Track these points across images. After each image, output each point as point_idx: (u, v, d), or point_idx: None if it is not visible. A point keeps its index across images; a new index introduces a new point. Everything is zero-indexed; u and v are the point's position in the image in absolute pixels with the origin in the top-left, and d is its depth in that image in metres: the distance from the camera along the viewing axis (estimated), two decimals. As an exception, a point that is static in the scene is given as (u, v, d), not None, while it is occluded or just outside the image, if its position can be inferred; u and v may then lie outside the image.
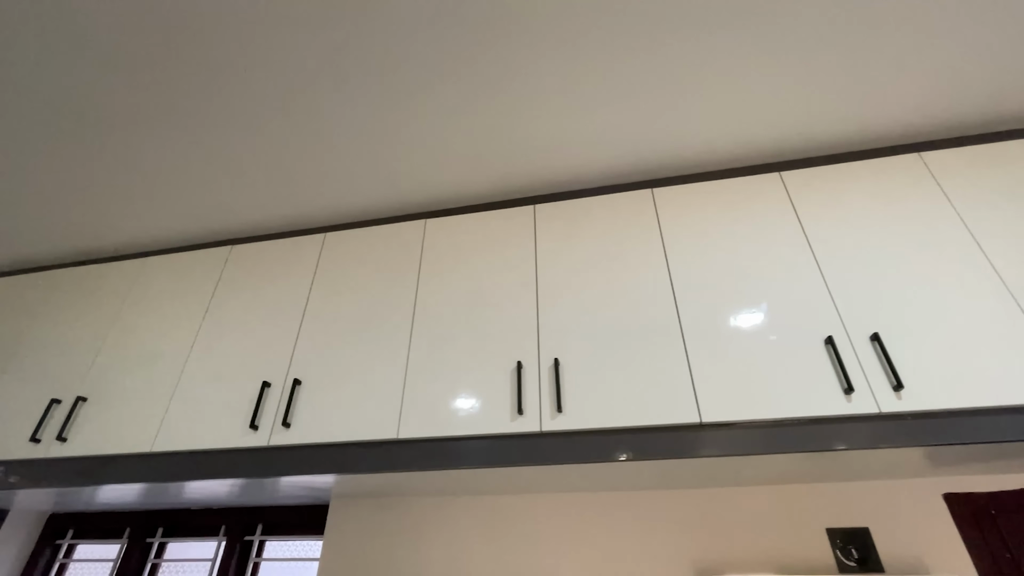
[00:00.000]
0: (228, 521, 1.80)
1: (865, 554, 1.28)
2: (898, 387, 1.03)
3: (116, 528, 1.90)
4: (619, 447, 1.09)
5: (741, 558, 1.31)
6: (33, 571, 1.86)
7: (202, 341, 1.48)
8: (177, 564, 1.81)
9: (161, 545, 1.85)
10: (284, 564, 1.72)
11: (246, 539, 1.77)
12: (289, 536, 1.76)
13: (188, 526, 1.85)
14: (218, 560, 1.75)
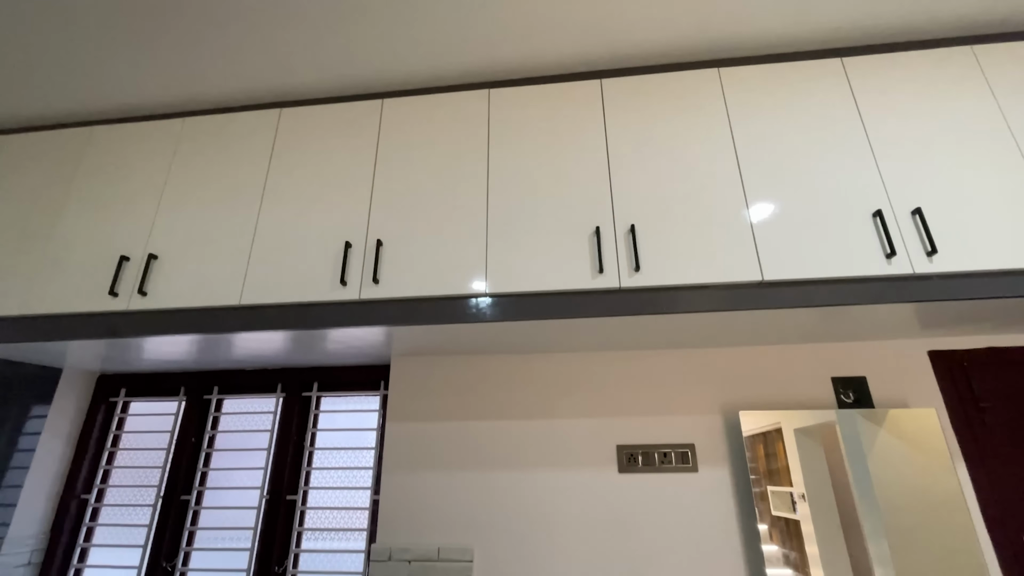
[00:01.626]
0: (284, 380, 1.93)
1: (860, 396, 1.56)
2: (932, 252, 1.21)
3: (169, 388, 2.00)
4: (692, 300, 1.25)
5: (760, 400, 1.57)
6: (92, 426, 1.97)
7: (271, 200, 1.48)
8: (238, 417, 1.95)
9: (219, 402, 1.98)
10: (342, 415, 1.89)
11: (304, 395, 1.92)
12: (346, 392, 1.92)
13: (243, 386, 1.97)
14: (278, 413, 1.91)
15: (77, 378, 1.95)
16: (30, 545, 1.75)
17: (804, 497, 1.41)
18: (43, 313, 1.45)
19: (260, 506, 1.78)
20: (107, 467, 1.93)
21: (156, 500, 1.83)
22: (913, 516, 1.35)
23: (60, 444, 1.88)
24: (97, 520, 1.87)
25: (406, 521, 1.55)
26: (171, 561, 1.75)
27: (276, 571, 1.68)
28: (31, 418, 1.79)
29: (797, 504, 1.41)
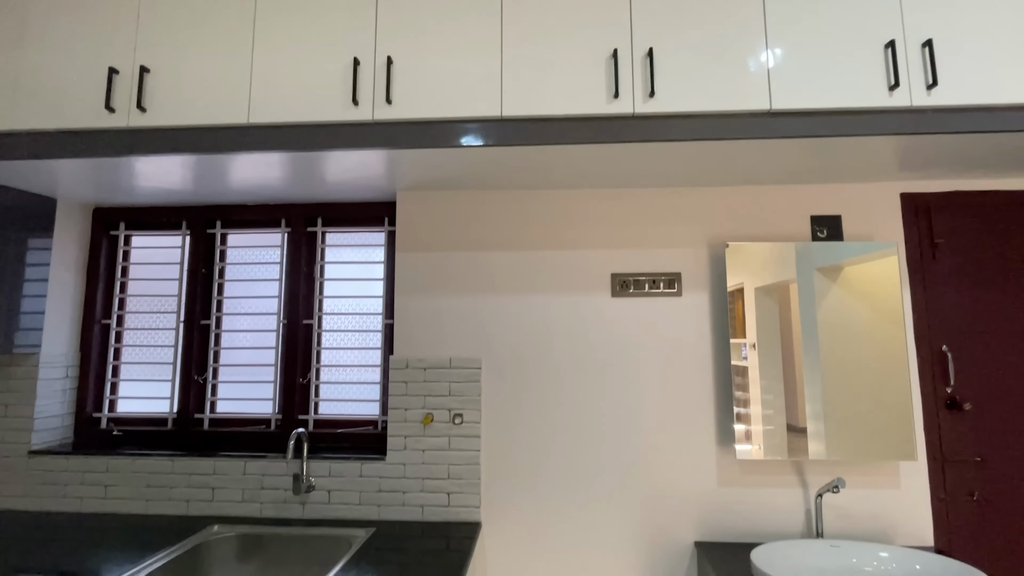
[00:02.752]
0: (288, 215, 1.96)
1: (833, 232, 1.72)
2: (932, 86, 1.26)
3: (169, 222, 2.01)
4: (701, 129, 1.30)
5: (744, 234, 1.71)
6: (98, 258, 2.00)
7: (267, 13, 1.37)
8: (246, 251, 2.01)
9: (224, 237, 2.02)
10: (348, 250, 1.97)
11: (309, 230, 1.97)
12: (350, 227, 1.97)
13: (246, 222, 2.00)
14: (285, 247, 1.97)
15: (73, 210, 1.93)
16: (64, 362, 1.88)
17: (755, 347, 1.62)
18: (34, 128, 1.39)
19: (279, 329, 1.93)
20: (121, 296, 2.01)
21: (177, 325, 1.95)
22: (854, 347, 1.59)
23: (71, 275, 1.92)
24: (122, 342, 2.00)
25: (419, 338, 1.73)
26: (202, 374, 1.93)
27: (301, 382, 1.89)
28: (35, 249, 1.80)
29: (748, 353, 1.62)
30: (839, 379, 1.58)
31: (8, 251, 1.71)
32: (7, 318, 1.70)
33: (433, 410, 1.69)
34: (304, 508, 1.68)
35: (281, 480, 1.70)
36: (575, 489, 1.64)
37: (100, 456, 1.75)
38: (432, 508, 1.65)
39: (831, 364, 1.59)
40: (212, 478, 1.71)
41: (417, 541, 1.50)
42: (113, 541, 1.49)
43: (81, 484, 1.74)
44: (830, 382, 1.58)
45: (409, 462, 1.67)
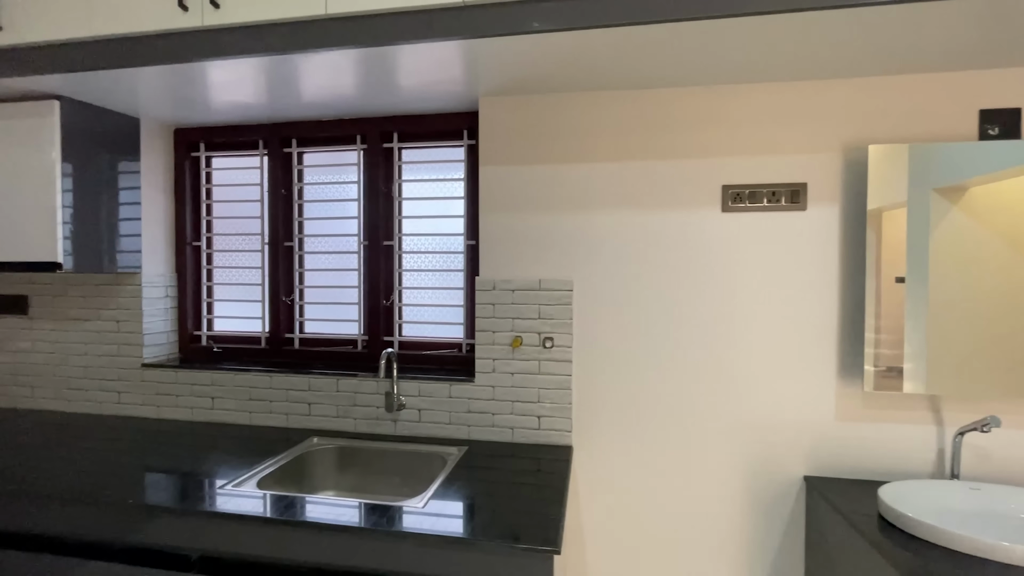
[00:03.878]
0: (363, 130, 1.86)
1: (1009, 128, 1.40)
2: None
3: (246, 142, 1.97)
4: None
5: (888, 134, 1.44)
6: (183, 179, 2.00)
7: None
8: (324, 170, 1.95)
9: (301, 156, 1.96)
10: (426, 166, 1.86)
11: (385, 146, 1.87)
12: (427, 142, 1.85)
13: (321, 139, 1.92)
14: (362, 165, 1.89)
15: (156, 131, 1.92)
16: (163, 282, 1.95)
17: (901, 278, 1.37)
18: (113, 34, 1.32)
19: (360, 250, 1.89)
20: (208, 218, 2.03)
21: (262, 246, 1.96)
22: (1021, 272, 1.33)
23: (161, 196, 1.94)
24: (213, 264, 2.04)
25: (506, 258, 1.63)
26: (289, 295, 1.95)
27: (384, 304, 1.87)
28: (126, 172, 1.81)
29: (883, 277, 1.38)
30: (996, 309, 1.34)
31: (102, 172, 1.73)
32: (109, 239, 1.75)
33: (522, 333, 1.62)
34: (396, 425, 1.71)
35: (372, 398, 1.72)
36: (673, 417, 1.55)
37: (204, 371, 1.83)
38: (522, 430, 1.63)
39: (987, 291, 1.35)
40: (307, 394, 1.76)
41: (508, 460, 1.48)
42: (225, 447, 1.58)
43: (190, 395, 1.84)
44: (983, 311, 1.35)
45: (498, 384, 1.64)
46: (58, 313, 1.94)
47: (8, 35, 1.39)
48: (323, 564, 1.13)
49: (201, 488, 1.28)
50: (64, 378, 1.94)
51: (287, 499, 1.23)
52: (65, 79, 1.47)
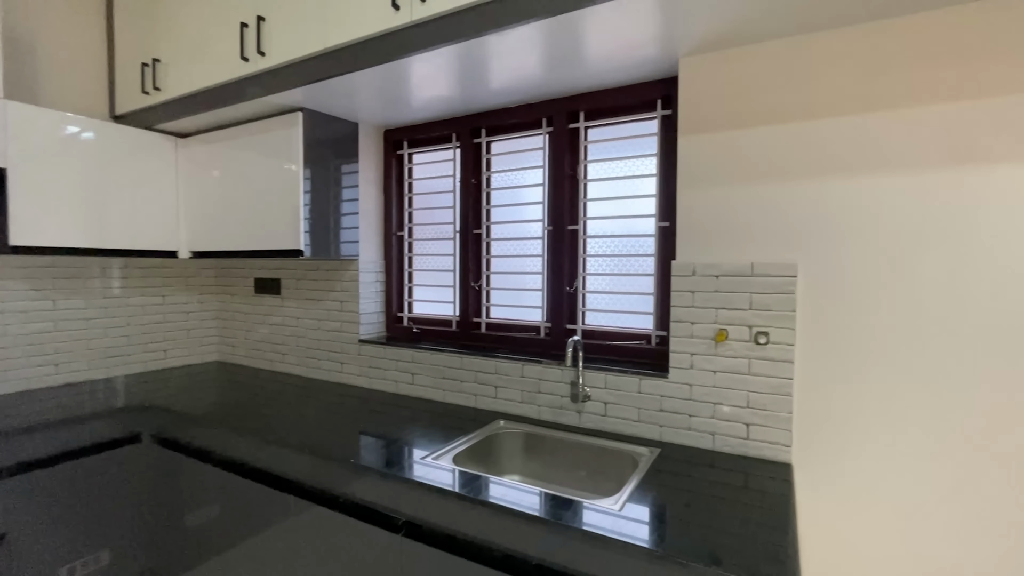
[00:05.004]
0: (549, 112, 1.81)
1: None
2: None
3: (442, 136, 2.09)
4: None
5: None
6: (390, 176, 2.22)
7: None
8: (508, 158, 1.97)
9: (489, 145, 2.01)
10: (613, 145, 1.74)
11: (571, 127, 1.80)
12: (615, 118, 1.73)
13: (509, 126, 1.94)
14: (547, 149, 1.85)
15: (370, 133, 2.16)
16: (374, 268, 2.19)
17: None
18: (341, 44, 1.49)
19: (544, 236, 1.86)
20: (409, 209, 2.22)
21: (454, 235, 2.07)
22: None
23: (373, 191, 2.19)
24: (413, 251, 2.23)
25: (709, 239, 1.42)
26: (477, 281, 2.02)
27: (568, 290, 1.81)
28: (347, 172, 2.07)
29: None
30: None
31: (330, 173, 2.00)
32: (334, 230, 2.02)
33: (728, 325, 1.40)
34: (580, 417, 1.63)
35: (556, 386, 1.67)
36: (961, 461, 1.18)
37: (407, 348, 2.01)
38: (725, 438, 1.41)
39: None
40: (494, 377, 1.80)
41: (709, 471, 1.29)
42: (423, 420, 1.69)
43: (395, 370, 2.04)
44: None
45: (696, 383, 1.44)
46: (300, 294, 2.33)
47: (267, 60, 1.67)
48: (511, 549, 1.10)
49: (405, 457, 1.38)
50: (304, 348, 2.32)
51: (481, 479, 1.24)
52: (305, 92, 1.72)
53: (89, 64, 2.17)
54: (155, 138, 2.16)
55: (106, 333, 2.26)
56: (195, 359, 2.60)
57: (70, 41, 2.11)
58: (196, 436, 1.77)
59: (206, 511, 1.74)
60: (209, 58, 1.83)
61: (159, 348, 2.45)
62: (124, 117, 2.18)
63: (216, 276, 2.67)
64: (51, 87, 2.06)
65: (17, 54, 1.96)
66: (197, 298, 2.60)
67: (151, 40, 2.03)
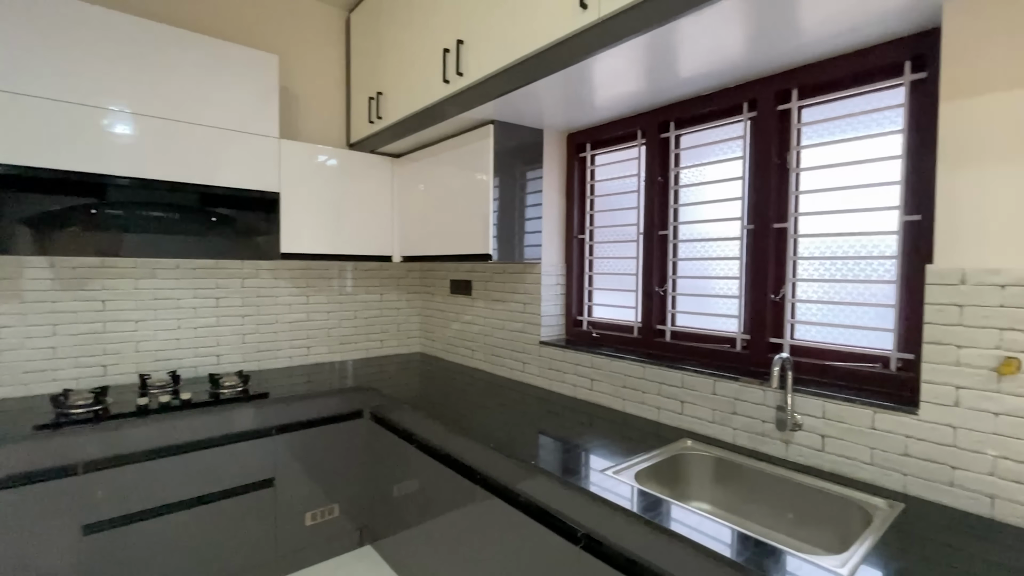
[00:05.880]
0: (751, 95, 1.59)
1: None
2: None
3: (625, 134, 2.01)
4: None
5: None
6: (572, 179, 2.22)
7: None
8: (698, 151, 1.79)
9: (678, 139, 1.86)
10: (836, 125, 1.44)
11: (779, 108, 1.55)
12: (839, 92, 1.43)
13: (699, 116, 1.76)
14: (747, 138, 1.62)
15: (553, 139, 2.19)
16: (555, 271, 2.22)
17: None
18: (529, 53, 1.52)
19: (742, 236, 1.64)
20: (591, 212, 2.19)
21: (637, 236, 1.96)
22: None
23: (555, 195, 2.21)
24: (593, 255, 2.19)
25: (987, 236, 1.07)
26: (661, 286, 1.89)
27: (773, 299, 1.56)
28: (531, 179, 2.13)
29: None
30: None
31: (516, 180, 2.08)
32: (519, 234, 2.10)
33: (1020, 353, 1.03)
34: (788, 448, 1.39)
35: (756, 408, 1.46)
36: None
37: (586, 353, 1.98)
38: (1013, 505, 1.04)
39: None
40: (680, 391, 1.65)
41: (986, 547, 0.96)
42: (602, 429, 1.64)
43: (574, 374, 2.03)
44: None
45: (965, 425, 1.10)
46: (488, 295, 2.49)
47: (464, 80, 1.80)
48: (707, 594, 0.97)
49: (585, 466, 1.34)
50: (491, 346, 2.47)
51: (667, 504, 1.13)
52: (496, 105, 1.81)
53: (332, 104, 2.66)
54: (377, 160, 2.53)
55: (340, 324, 2.74)
56: (403, 350, 2.99)
57: (319, 87, 2.62)
58: (402, 418, 2.01)
59: (408, 485, 1.97)
60: (417, 85, 2.07)
61: (377, 338, 2.88)
62: (356, 144, 2.61)
63: (420, 278, 3.02)
64: (307, 125, 2.58)
65: (286, 102, 2.50)
66: (406, 297, 2.98)
67: (376, 76, 2.39)
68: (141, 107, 1.84)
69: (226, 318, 2.37)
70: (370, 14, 2.44)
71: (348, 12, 2.68)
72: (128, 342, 2.13)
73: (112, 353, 2.10)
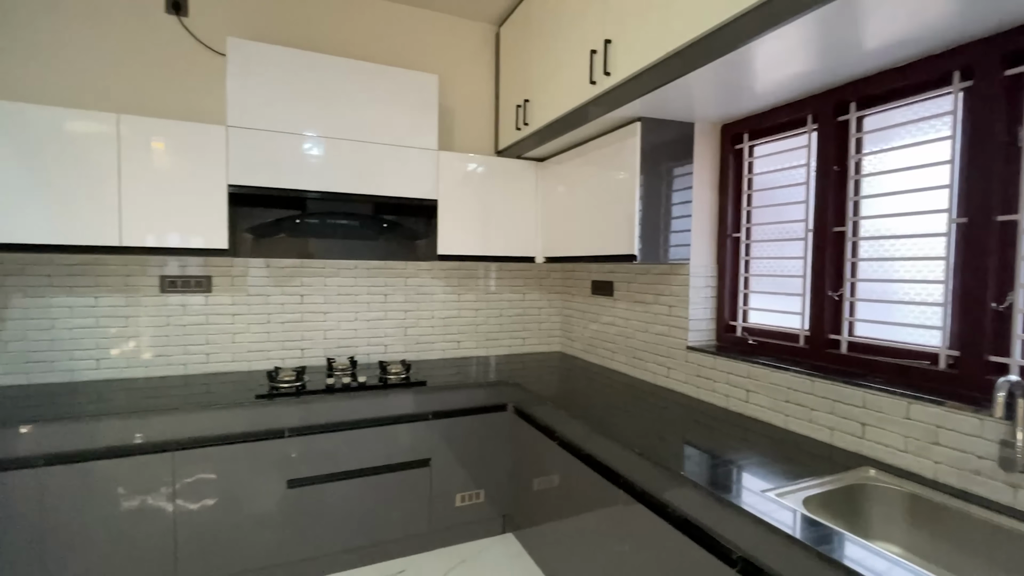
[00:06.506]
0: (968, 59, 1.31)
1: None
2: None
3: (791, 120, 1.80)
4: None
5: None
6: (727, 174, 2.06)
7: None
8: (887, 133, 1.54)
9: (859, 122, 1.62)
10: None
11: (1008, 74, 1.25)
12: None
13: (891, 92, 1.51)
14: (959, 108, 1.34)
15: (706, 131, 2.06)
16: (705, 272, 2.08)
17: None
18: (680, 45, 1.45)
19: (950, 232, 1.36)
20: (748, 208, 2.01)
21: (805, 234, 1.75)
22: None
23: (707, 192, 2.08)
24: (750, 255, 2.01)
25: None
26: (836, 291, 1.66)
27: (996, 308, 1.27)
28: (680, 175, 2.03)
29: None
30: None
31: (662, 178, 2.00)
32: (664, 234, 2.01)
33: None
34: (1016, 494, 1.12)
35: (968, 441, 1.20)
36: None
37: (741, 362, 1.82)
38: None
39: None
40: (861, 411, 1.43)
41: None
42: (758, 446, 1.50)
43: (726, 384, 1.88)
44: None
45: None
46: (630, 296, 2.43)
47: (612, 79, 1.79)
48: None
49: (741, 484, 1.24)
50: (632, 349, 2.41)
51: (844, 538, 1.00)
52: (643, 102, 1.76)
53: (482, 114, 2.84)
54: (523, 165, 2.64)
55: (487, 321, 2.91)
56: (543, 348, 3.07)
57: (471, 99, 2.81)
58: (544, 414, 2.07)
59: (548, 479, 2.02)
60: (562, 89, 2.10)
61: (519, 336, 3.00)
62: (503, 151, 2.75)
63: (562, 278, 3.07)
64: (459, 135, 2.79)
65: (441, 115, 2.73)
66: (546, 297, 3.05)
67: (523, 84, 2.49)
68: (327, 131, 2.17)
69: (392, 312, 2.68)
70: (518, 26, 2.55)
71: (498, 27, 2.83)
72: (318, 330, 2.53)
73: (307, 339, 2.51)
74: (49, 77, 2.06)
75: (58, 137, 1.83)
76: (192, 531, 1.84)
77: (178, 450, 1.81)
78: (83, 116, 1.87)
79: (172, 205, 1.99)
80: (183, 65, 2.25)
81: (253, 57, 2.05)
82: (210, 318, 2.34)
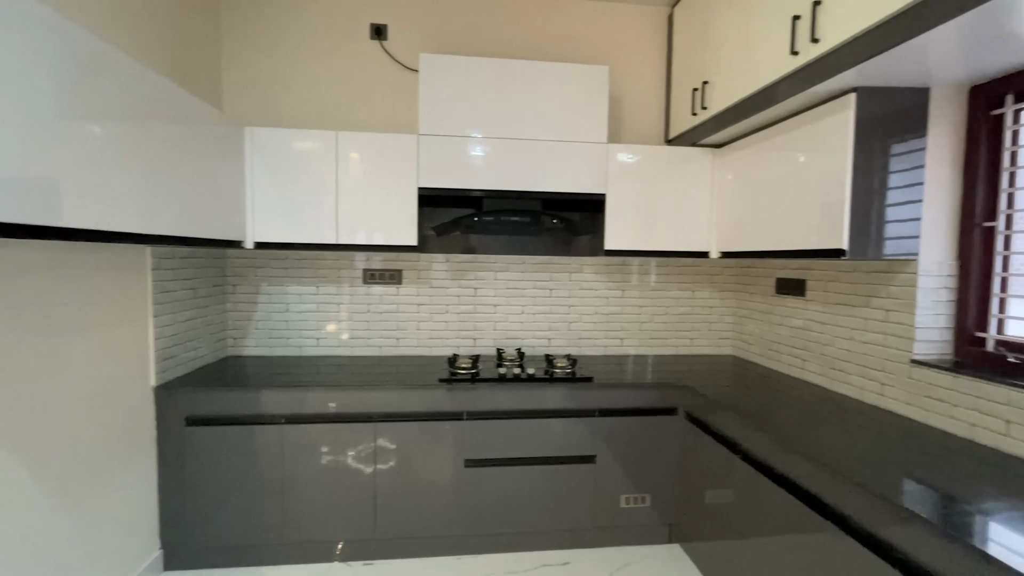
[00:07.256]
0: None
1: None
2: None
3: (1091, 72, 1.36)
4: None
5: None
6: (976, 147, 1.65)
7: None
8: None
9: None
10: None
11: None
12: None
13: None
14: None
15: (945, 97, 1.68)
16: (940, 271, 1.70)
17: None
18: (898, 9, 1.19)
19: None
20: (1009, 191, 1.59)
21: (1110, 221, 1.32)
22: None
23: (946, 171, 1.69)
24: (1010, 249, 1.59)
25: None
26: None
27: None
28: (906, 152, 1.68)
29: None
30: None
31: (879, 158, 1.67)
32: (878, 224, 1.69)
33: None
34: None
35: None
36: None
37: (993, 384, 1.45)
38: None
39: None
40: None
41: None
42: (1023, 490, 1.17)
43: (973, 409, 1.52)
44: None
45: None
46: (828, 297, 2.11)
47: (820, 47, 1.55)
48: None
49: (999, 540, 0.98)
50: (829, 358, 2.09)
51: None
52: (860, 70, 1.49)
53: (651, 102, 2.71)
54: (696, 153, 2.45)
55: (652, 319, 2.79)
56: (712, 350, 2.84)
57: (639, 87, 2.70)
58: (724, 424, 1.90)
59: (724, 493, 1.86)
60: (753, 65, 1.89)
61: (687, 336, 2.82)
62: (674, 139, 2.59)
63: (737, 275, 2.81)
64: (627, 126, 2.70)
65: (610, 107, 2.67)
66: (719, 295, 2.82)
67: (701, 66, 2.31)
68: (503, 132, 2.27)
69: (556, 307, 2.72)
70: (695, 5, 2.37)
71: (671, 8, 2.67)
72: (489, 322, 2.69)
73: (479, 329, 2.69)
74: (283, 104, 2.51)
75: (290, 154, 2.22)
76: (388, 492, 2.10)
77: (380, 421, 2.08)
78: (309, 136, 2.23)
79: (374, 207, 2.27)
80: (383, 83, 2.56)
81: (440, 69, 2.24)
82: (400, 307, 2.64)
